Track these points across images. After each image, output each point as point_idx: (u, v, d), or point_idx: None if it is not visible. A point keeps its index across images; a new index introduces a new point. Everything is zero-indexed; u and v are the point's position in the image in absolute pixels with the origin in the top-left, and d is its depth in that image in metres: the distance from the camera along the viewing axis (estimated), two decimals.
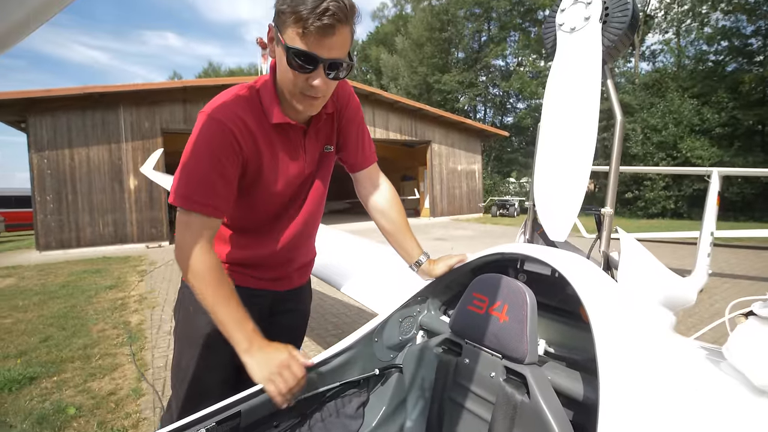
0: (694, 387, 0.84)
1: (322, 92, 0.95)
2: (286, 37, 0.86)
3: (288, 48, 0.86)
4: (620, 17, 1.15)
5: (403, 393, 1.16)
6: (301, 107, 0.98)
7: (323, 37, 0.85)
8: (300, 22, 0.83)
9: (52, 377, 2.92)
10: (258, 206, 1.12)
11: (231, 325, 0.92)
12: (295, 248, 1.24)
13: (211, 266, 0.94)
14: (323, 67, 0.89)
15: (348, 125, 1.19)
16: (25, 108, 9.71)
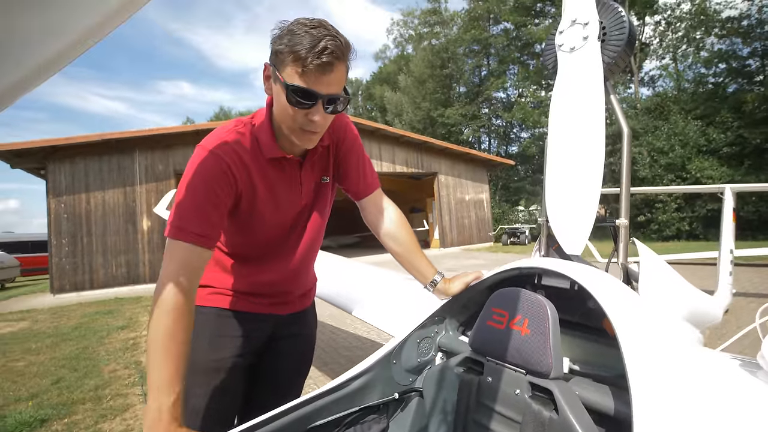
0: (731, 398, 0.79)
1: (321, 127, 0.97)
2: (285, 75, 0.89)
3: (288, 86, 0.88)
4: (618, 35, 1.20)
5: (425, 418, 1.11)
6: (300, 142, 1.00)
7: (322, 74, 0.88)
8: (299, 60, 0.85)
9: (63, 419, 2.86)
10: (256, 236, 1.13)
11: (159, 381, 0.80)
12: (295, 277, 1.24)
13: (180, 307, 0.86)
14: (322, 103, 0.92)
15: (347, 155, 1.21)
16: (45, 156, 10.16)
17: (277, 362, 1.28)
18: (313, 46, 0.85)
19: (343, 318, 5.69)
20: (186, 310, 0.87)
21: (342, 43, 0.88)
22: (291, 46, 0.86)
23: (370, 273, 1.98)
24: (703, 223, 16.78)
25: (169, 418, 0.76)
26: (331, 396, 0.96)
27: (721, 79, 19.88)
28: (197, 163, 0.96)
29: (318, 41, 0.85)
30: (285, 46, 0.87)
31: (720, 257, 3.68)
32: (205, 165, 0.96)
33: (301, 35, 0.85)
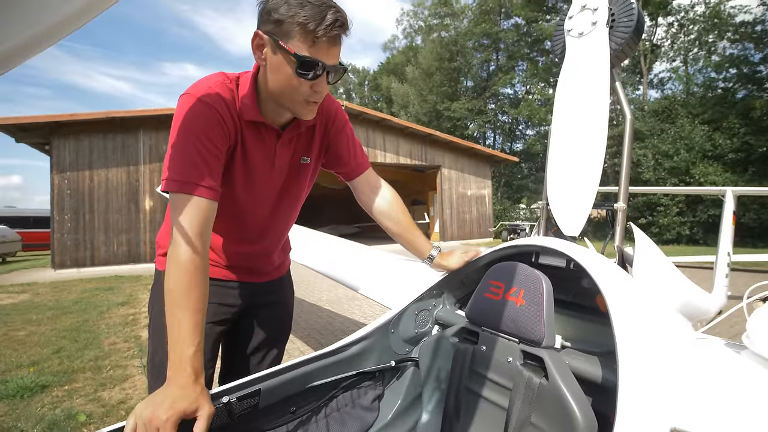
0: (714, 373, 0.82)
1: (322, 97, 0.98)
2: (292, 45, 0.87)
3: (298, 57, 0.87)
4: (626, 22, 1.21)
5: (419, 387, 1.15)
6: (302, 113, 1.00)
7: (330, 46, 0.89)
8: (309, 33, 0.86)
9: (64, 386, 2.93)
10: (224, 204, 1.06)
11: (174, 336, 0.79)
12: (268, 250, 1.24)
13: (196, 261, 0.85)
14: (326, 74, 0.93)
15: (337, 136, 1.21)
16: (50, 132, 10.18)
17: (256, 329, 1.28)
18: (322, 19, 0.85)
19: (340, 303, 5.75)
20: (201, 264, 0.86)
21: (345, 15, 0.89)
22: (297, 17, 0.85)
23: (369, 252, 2.02)
24: (703, 228, 16.77)
25: (191, 369, 0.76)
26: (330, 358, 1.00)
27: (731, 84, 19.70)
28: (193, 112, 0.92)
29: (324, 13, 0.86)
30: (288, 16, 0.86)
31: (717, 259, 3.71)
32: (202, 114, 0.93)
33: (303, 4, 0.85)
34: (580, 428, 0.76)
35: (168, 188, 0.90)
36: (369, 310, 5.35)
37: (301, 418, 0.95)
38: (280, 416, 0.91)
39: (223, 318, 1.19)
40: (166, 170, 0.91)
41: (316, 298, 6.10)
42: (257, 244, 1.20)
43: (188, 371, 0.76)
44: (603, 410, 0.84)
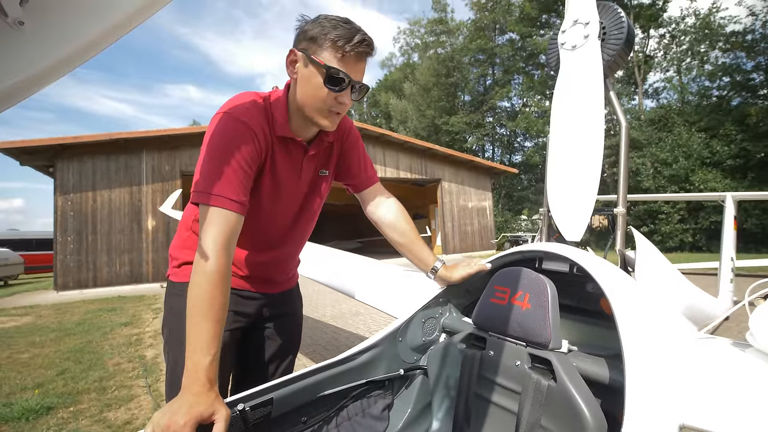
0: (719, 371, 0.83)
1: (345, 109, 1.06)
2: (322, 57, 0.97)
3: (328, 68, 0.97)
4: (617, 34, 1.26)
5: (428, 395, 1.16)
6: (324, 122, 1.07)
7: (357, 62, 1.00)
8: (339, 48, 0.96)
9: (69, 407, 2.90)
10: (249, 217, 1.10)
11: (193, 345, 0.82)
12: (285, 261, 1.29)
13: (222, 271, 0.88)
14: (351, 88, 1.02)
15: (350, 151, 1.29)
16: (54, 154, 10.33)
17: (268, 340, 1.31)
18: (352, 37, 0.96)
19: (344, 319, 5.72)
20: (225, 275, 0.89)
21: (372, 39, 1.00)
22: (329, 34, 0.96)
23: (375, 264, 2.04)
24: (706, 235, 16.73)
25: (205, 377, 0.78)
26: (339, 367, 1.01)
27: (725, 92, 19.95)
28: (227, 128, 0.98)
29: (354, 33, 0.97)
30: (322, 33, 0.96)
31: (721, 265, 3.70)
32: (235, 131, 0.99)
33: (336, 26, 0.96)
34: (590, 428, 0.77)
35: (199, 200, 0.95)
36: (373, 324, 5.32)
37: (312, 427, 0.96)
38: (292, 426, 0.92)
39: (237, 327, 1.22)
40: (198, 182, 0.96)
41: (320, 314, 6.07)
42: (276, 252, 1.24)
43: (203, 380, 0.78)
44: (612, 411, 0.85)
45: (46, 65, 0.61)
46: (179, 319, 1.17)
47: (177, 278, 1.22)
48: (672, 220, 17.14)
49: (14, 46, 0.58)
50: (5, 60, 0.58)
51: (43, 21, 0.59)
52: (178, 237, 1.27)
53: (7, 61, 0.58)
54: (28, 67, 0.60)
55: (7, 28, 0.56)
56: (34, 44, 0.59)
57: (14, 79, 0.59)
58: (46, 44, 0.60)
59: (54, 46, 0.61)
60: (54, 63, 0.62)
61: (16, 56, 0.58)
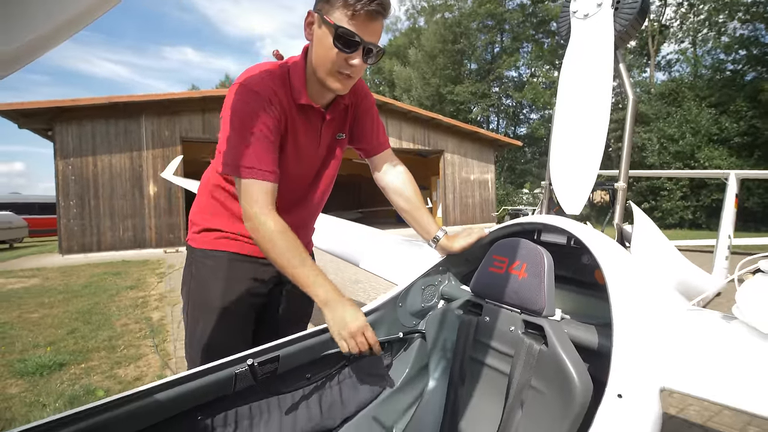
0: (704, 341, 0.87)
1: (357, 72, 1.04)
2: (333, 17, 0.96)
3: (337, 27, 0.95)
4: (631, 3, 1.22)
5: (426, 357, 1.21)
6: (335, 85, 1.06)
7: (368, 21, 0.97)
8: (350, 6, 0.94)
9: (80, 364, 3.04)
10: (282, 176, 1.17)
11: (310, 281, 0.98)
12: (304, 226, 1.32)
13: (283, 230, 1.00)
14: (362, 49, 1.00)
15: (364, 115, 1.30)
16: (52, 117, 10.18)
17: (285, 305, 1.36)
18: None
19: (344, 287, 5.85)
20: (288, 229, 1.01)
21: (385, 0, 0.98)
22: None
23: (376, 233, 2.07)
24: (706, 213, 16.74)
25: (340, 294, 0.98)
26: None
27: (740, 66, 19.32)
28: (244, 100, 1.01)
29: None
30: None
31: (718, 242, 3.74)
32: (253, 102, 1.01)
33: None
34: (577, 390, 0.82)
35: (234, 173, 1.02)
36: (372, 291, 5.45)
37: (315, 383, 1.02)
38: (296, 381, 0.98)
39: (258, 292, 1.27)
40: (227, 155, 1.02)
41: None
42: (294, 216, 1.25)
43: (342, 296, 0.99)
44: (599, 375, 0.89)
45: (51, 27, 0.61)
46: (199, 284, 1.23)
47: (197, 244, 1.25)
48: (674, 197, 17.09)
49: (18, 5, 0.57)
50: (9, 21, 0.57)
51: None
52: (197, 203, 1.29)
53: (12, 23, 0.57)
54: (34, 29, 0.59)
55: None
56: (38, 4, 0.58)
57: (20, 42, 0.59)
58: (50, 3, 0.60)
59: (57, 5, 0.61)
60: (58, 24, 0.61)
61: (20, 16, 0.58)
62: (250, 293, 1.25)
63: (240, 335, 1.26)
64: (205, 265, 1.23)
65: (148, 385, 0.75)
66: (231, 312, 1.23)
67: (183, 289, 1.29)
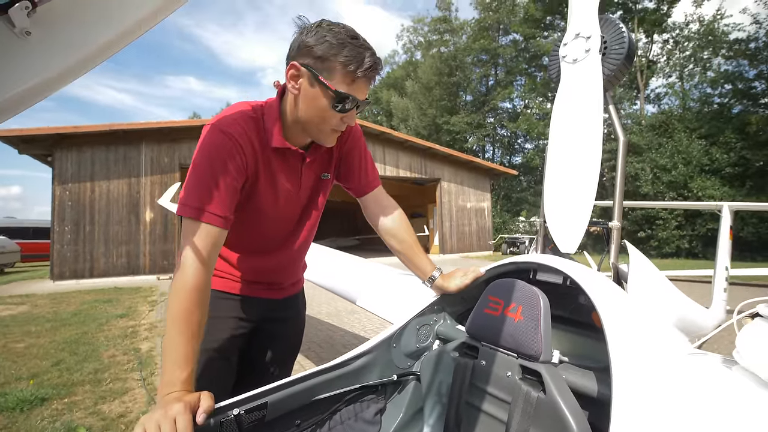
0: (705, 388, 0.85)
1: (348, 127, 1.06)
2: (333, 82, 0.94)
3: (338, 93, 0.95)
4: (618, 49, 1.27)
5: (420, 401, 1.17)
6: (327, 141, 1.08)
7: (366, 85, 0.99)
8: (350, 73, 0.94)
9: (63, 399, 2.92)
10: (250, 225, 1.14)
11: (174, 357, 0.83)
12: (289, 266, 1.29)
13: (200, 287, 0.90)
14: (356, 107, 1.01)
15: (350, 153, 1.26)
16: (53, 143, 10.29)
17: (270, 344, 1.32)
18: (362, 60, 0.94)
19: (340, 317, 5.74)
20: (204, 289, 0.91)
21: (380, 60, 0.98)
22: (338, 55, 0.92)
23: (371, 267, 2.05)
24: (702, 242, 16.84)
25: (181, 389, 0.80)
26: (333, 372, 1.03)
27: (727, 99, 20.00)
28: (213, 143, 0.97)
29: (363, 55, 0.94)
30: (330, 54, 0.92)
31: (715, 274, 3.73)
32: (222, 145, 0.97)
33: (344, 43, 0.92)
34: None
35: (182, 213, 0.95)
36: (368, 323, 5.35)
37: (305, 430, 0.97)
38: (285, 429, 0.93)
39: (242, 332, 1.23)
40: (185, 193, 0.95)
41: (316, 312, 6.09)
42: (280, 257, 1.24)
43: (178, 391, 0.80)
44: (599, 424, 0.86)
45: (51, 74, 0.62)
46: None
47: None
48: (669, 226, 17.24)
49: (20, 55, 0.58)
50: (10, 69, 0.58)
51: (50, 31, 0.60)
52: None
53: (13, 71, 0.58)
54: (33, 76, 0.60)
55: (14, 38, 0.57)
56: (40, 54, 0.60)
57: (20, 88, 0.60)
58: (52, 53, 0.61)
59: (59, 55, 0.62)
60: (59, 72, 0.63)
61: (21, 65, 0.59)
62: (234, 332, 1.21)
63: (224, 377, 1.22)
64: None
65: None
66: (215, 352, 1.19)
67: None
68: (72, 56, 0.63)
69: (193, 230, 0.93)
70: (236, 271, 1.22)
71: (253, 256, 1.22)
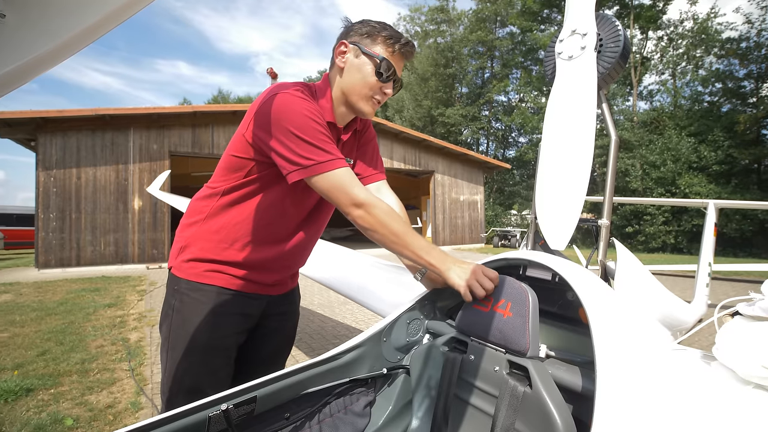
0: (685, 384, 0.87)
1: (385, 99, 1.18)
2: (376, 51, 1.12)
3: (381, 58, 1.11)
4: (613, 47, 1.27)
5: (410, 394, 1.18)
6: (367, 108, 1.18)
7: (402, 59, 1.16)
8: (390, 45, 1.12)
9: (50, 389, 2.89)
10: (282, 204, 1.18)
11: (425, 251, 1.05)
12: (300, 253, 1.30)
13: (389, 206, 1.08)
14: (393, 81, 1.16)
15: (367, 144, 1.37)
16: (36, 127, 9.97)
17: (266, 339, 1.34)
18: (399, 38, 1.14)
19: (332, 308, 5.76)
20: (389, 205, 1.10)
21: (413, 43, 1.17)
22: (382, 32, 1.12)
23: (363, 260, 2.05)
24: (687, 238, 17.19)
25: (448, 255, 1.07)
26: (323, 366, 1.03)
27: (717, 98, 20.27)
28: (300, 104, 1.05)
29: (400, 36, 1.14)
30: (374, 31, 1.12)
31: (698, 269, 3.82)
32: (310, 106, 1.07)
33: (384, 27, 1.14)
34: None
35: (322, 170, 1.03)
36: (360, 314, 5.37)
37: (295, 423, 0.98)
38: (274, 422, 0.94)
39: (244, 328, 1.24)
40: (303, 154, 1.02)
41: (308, 302, 6.10)
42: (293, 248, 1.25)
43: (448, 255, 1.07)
44: (583, 417, 0.88)
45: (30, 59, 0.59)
46: (183, 319, 1.17)
47: (183, 274, 1.19)
48: (657, 221, 17.55)
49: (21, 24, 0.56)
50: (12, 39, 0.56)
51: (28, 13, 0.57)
52: (189, 228, 1.22)
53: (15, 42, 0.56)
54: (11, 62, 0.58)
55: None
56: (18, 37, 0.57)
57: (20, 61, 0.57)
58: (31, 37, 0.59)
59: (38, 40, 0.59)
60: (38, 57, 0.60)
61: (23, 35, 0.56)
62: (235, 330, 1.21)
63: (224, 373, 1.22)
64: (192, 299, 1.17)
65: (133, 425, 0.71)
66: (216, 350, 1.19)
67: (163, 324, 1.22)
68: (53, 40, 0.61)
69: (344, 176, 1.04)
70: (244, 269, 1.21)
71: (266, 246, 1.21)
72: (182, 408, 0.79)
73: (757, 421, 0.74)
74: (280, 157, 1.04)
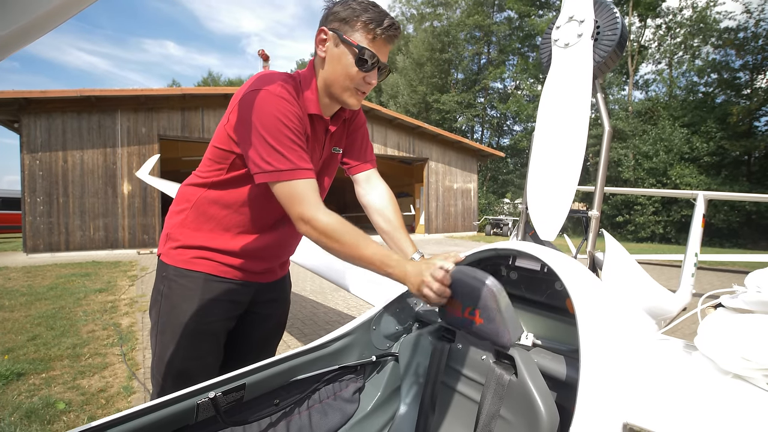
0: (666, 372, 0.89)
1: (369, 89, 1.11)
2: (355, 39, 1.03)
3: (360, 48, 1.03)
4: (610, 36, 1.25)
5: (398, 380, 1.20)
6: (351, 100, 1.12)
7: (385, 45, 1.07)
8: (371, 31, 1.03)
9: (41, 374, 2.88)
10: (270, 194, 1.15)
11: (380, 261, 1.01)
12: (288, 242, 1.30)
13: (340, 220, 1.02)
14: (378, 69, 1.08)
15: (356, 131, 1.33)
16: (19, 108, 9.66)
17: (256, 325, 1.34)
18: (382, 20, 1.03)
19: (324, 294, 5.79)
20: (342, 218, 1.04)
21: (399, 25, 1.07)
22: (361, 16, 1.02)
23: None
24: (676, 228, 17.46)
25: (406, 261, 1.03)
26: (313, 354, 1.03)
27: (711, 89, 20.33)
28: (276, 106, 1.01)
29: (384, 17, 1.03)
30: (353, 15, 1.02)
31: (685, 259, 3.89)
32: (285, 109, 1.02)
33: (366, 8, 1.03)
34: (543, 421, 0.83)
35: (282, 178, 1.00)
36: (352, 301, 5.41)
37: (284, 409, 0.99)
38: (263, 408, 0.94)
39: (233, 315, 1.24)
40: (269, 159, 1.00)
41: (300, 288, 6.12)
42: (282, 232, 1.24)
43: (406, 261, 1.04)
44: (566, 405, 0.90)
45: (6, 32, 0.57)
46: (171, 305, 1.17)
47: (171, 260, 1.19)
48: (646, 211, 17.76)
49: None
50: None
51: None
52: (177, 215, 1.22)
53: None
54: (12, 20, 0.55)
55: None
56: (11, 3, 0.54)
57: None
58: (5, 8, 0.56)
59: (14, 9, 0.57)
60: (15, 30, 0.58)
61: None
62: (223, 316, 1.22)
63: (212, 359, 1.22)
64: (179, 285, 1.17)
65: (101, 420, 0.71)
66: (203, 335, 1.19)
67: (152, 309, 1.23)
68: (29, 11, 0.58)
69: (300, 188, 1.01)
70: (231, 256, 1.20)
71: (254, 235, 1.20)
72: (170, 396, 0.79)
73: (734, 410, 0.76)
74: (248, 157, 1.03)
